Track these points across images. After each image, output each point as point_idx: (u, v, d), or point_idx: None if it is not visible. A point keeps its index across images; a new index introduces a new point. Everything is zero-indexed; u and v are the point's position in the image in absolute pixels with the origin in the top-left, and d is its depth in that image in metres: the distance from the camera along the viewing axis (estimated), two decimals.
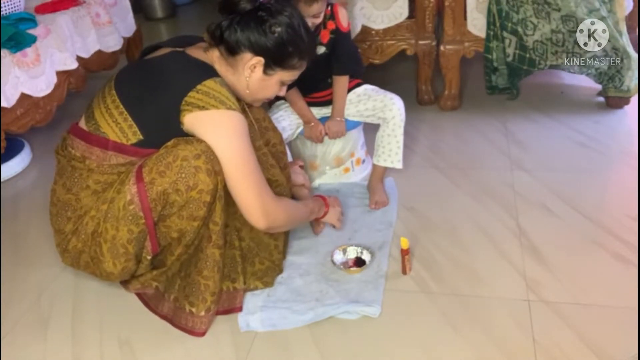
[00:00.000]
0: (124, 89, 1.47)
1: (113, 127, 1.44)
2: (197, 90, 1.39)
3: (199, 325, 1.53)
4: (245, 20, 1.45)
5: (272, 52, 1.47)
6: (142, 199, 1.39)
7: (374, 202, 2.00)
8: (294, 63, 1.52)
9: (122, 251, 1.44)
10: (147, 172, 1.39)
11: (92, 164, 1.47)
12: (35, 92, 2.27)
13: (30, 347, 1.55)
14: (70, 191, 1.50)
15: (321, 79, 2.00)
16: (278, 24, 1.45)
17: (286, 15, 1.46)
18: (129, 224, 1.41)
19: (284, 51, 1.48)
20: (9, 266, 1.86)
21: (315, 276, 1.69)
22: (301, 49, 1.50)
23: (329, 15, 1.90)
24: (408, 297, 1.60)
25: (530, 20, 2.36)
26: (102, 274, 1.51)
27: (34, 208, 2.16)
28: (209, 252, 1.50)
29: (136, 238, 1.43)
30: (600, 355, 1.36)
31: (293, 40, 1.47)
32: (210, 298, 1.53)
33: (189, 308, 1.54)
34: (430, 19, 2.56)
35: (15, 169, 2.46)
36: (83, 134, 1.48)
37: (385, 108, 1.96)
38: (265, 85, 1.54)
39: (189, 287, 1.55)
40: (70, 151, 1.50)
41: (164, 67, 1.46)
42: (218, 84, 1.43)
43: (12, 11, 2.43)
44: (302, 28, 1.50)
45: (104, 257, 1.46)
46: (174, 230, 1.44)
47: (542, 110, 2.59)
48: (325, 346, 1.47)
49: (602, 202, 1.96)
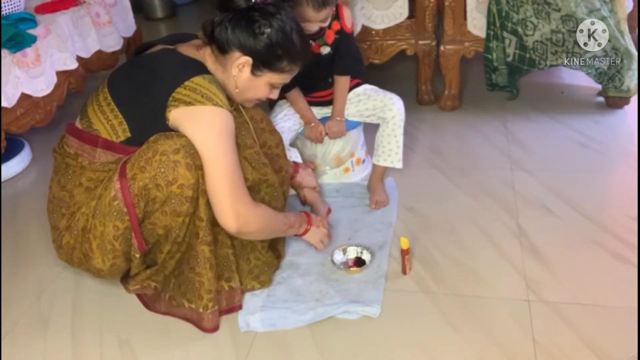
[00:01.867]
0: (116, 87, 1.48)
1: (104, 124, 1.45)
2: (185, 87, 1.39)
3: (206, 321, 1.53)
4: (237, 19, 1.44)
5: (260, 54, 1.46)
6: (124, 195, 1.40)
7: (374, 202, 2.00)
8: (283, 66, 1.50)
9: (110, 247, 1.45)
10: (129, 168, 1.41)
11: (84, 161, 1.48)
12: (36, 92, 2.28)
13: (30, 347, 1.55)
14: (65, 188, 1.51)
15: (323, 78, 2.01)
16: (268, 26, 1.44)
17: (279, 17, 1.45)
18: (114, 220, 1.42)
19: (273, 54, 1.47)
20: (9, 266, 1.86)
21: (315, 276, 1.69)
22: (291, 53, 1.49)
23: (334, 15, 1.90)
24: (408, 297, 1.60)
25: (530, 20, 2.36)
26: (92, 270, 1.53)
27: (34, 208, 2.16)
28: (199, 249, 1.50)
29: (122, 235, 1.44)
30: (600, 355, 1.36)
31: (283, 43, 1.46)
32: (207, 296, 1.52)
33: (188, 305, 1.54)
34: (430, 19, 2.56)
35: (15, 169, 2.46)
36: (76, 132, 1.50)
37: (385, 108, 1.96)
38: (254, 85, 1.53)
39: (184, 284, 1.55)
40: (65, 149, 1.52)
41: (154, 64, 1.47)
42: (207, 80, 1.42)
43: (12, 11, 2.43)
44: (295, 33, 1.48)
45: (93, 254, 1.47)
46: (159, 227, 1.44)
47: (542, 110, 2.59)
48: (325, 346, 1.47)
49: (602, 202, 1.97)
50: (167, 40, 1.56)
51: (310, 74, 1.66)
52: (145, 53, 1.53)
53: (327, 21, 1.83)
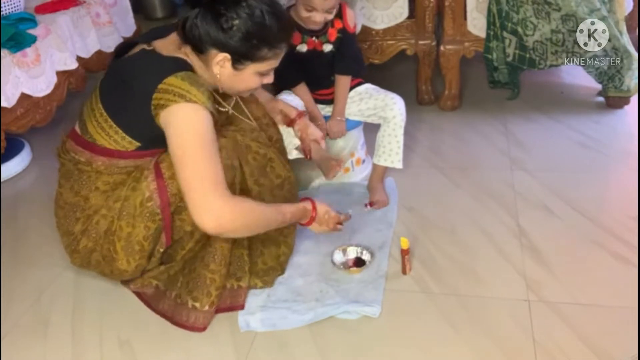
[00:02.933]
0: (107, 100, 1.45)
1: (108, 139, 1.45)
2: (159, 90, 1.35)
3: (201, 320, 1.53)
4: (204, 15, 1.37)
5: (235, 47, 1.38)
6: (161, 195, 1.41)
7: (374, 201, 2.00)
8: (264, 54, 1.41)
9: (138, 248, 1.46)
10: (165, 167, 1.41)
11: (100, 167, 1.48)
12: (36, 92, 2.27)
13: (30, 347, 1.55)
14: (79, 193, 1.51)
15: (325, 76, 2.01)
16: (236, 17, 1.35)
17: (244, 4, 1.36)
18: (145, 221, 1.43)
19: (249, 44, 1.38)
20: (9, 266, 1.86)
21: (315, 276, 1.69)
22: (269, 39, 1.40)
23: (337, 13, 1.91)
24: (408, 297, 1.60)
25: (530, 20, 2.36)
26: (113, 272, 1.53)
27: (34, 208, 2.16)
28: (218, 245, 1.51)
29: (152, 234, 1.45)
30: (600, 355, 1.36)
31: (256, 31, 1.37)
32: (215, 292, 1.53)
33: (192, 303, 1.54)
34: (430, 19, 2.56)
35: (15, 169, 2.45)
36: (85, 144, 1.49)
37: (386, 107, 1.96)
38: (240, 79, 1.46)
39: (193, 281, 1.55)
40: (74, 156, 1.51)
41: (130, 71, 1.42)
42: (179, 78, 1.35)
43: (12, 11, 2.42)
44: (267, 14, 1.38)
45: (117, 255, 1.48)
46: (189, 223, 1.45)
47: (542, 110, 2.59)
48: (325, 346, 1.47)
49: (602, 202, 1.96)
50: (146, 38, 1.49)
51: (312, 71, 1.66)
52: (124, 57, 1.47)
53: (332, 12, 1.83)
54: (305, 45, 1.92)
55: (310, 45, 1.93)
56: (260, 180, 1.56)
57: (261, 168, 1.56)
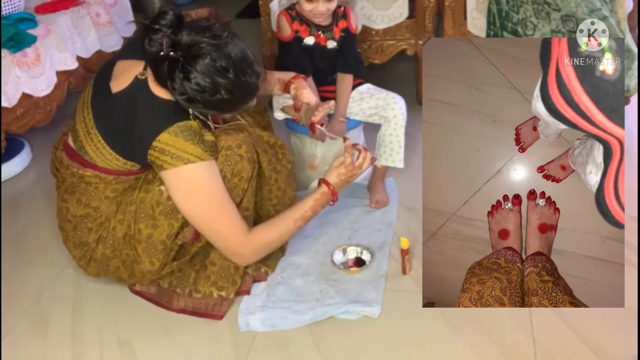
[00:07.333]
0: (105, 132, 1.44)
1: (110, 163, 1.46)
2: (154, 148, 1.37)
3: (226, 307, 1.57)
4: (162, 67, 1.30)
5: (203, 104, 1.34)
6: None
7: (374, 201, 2.01)
8: (242, 105, 1.42)
9: (161, 247, 1.48)
10: None
11: (107, 177, 1.49)
12: (36, 92, 2.28)
13: (30, 347, 1.55)
14: (89, 205, 1.51)
15: (329, 72, 2.04)
16: (195, 70, 1.28)
17: (205, 53, 1.27)
18: (169, 219, 1.45)
19: (214, 99, 1.33)
20: (9, 266, 1.86)
21: (315, 276, 1.69)
22: (237, 89, 1.33)
23: (342, 14, 1.98)
24: (408, 297, 1.60)
25: (530, 20, 2.36)
26: (135, 275, 1.54)
27: (34, 208, 2.16)
28: None
29: (176, 232, 1.48)
30: (600, 355, 1.36)
31: (223, 84, 1.31)
32: (239, 280, 1.57)
33: (218, 293, 1.56)
34: (430, 19, 2.56)
35: (15, 169, 2.45)
36: (86, 163, 1.49)
37: (387, 107, 1.97)
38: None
39: (217, 273, 1.56)
40: (77, 171, 1.51)
41: (126, 115, 1.41)
42: (172, 135, 1.35)
43: (12, 11, 2.43)
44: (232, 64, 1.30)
45: (140, 258, 1.49)
46: None
47: None
48: (325, 346, 1.47)
49: None
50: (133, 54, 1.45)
51: (314, 65, 1.68)
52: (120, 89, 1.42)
53: (333, 3, 1.87)
54: (313, 37, 1.95)
55: (316, 39, 1.96)
56: (277, 167, 1.61)
57: (275, 155, 1.60)
